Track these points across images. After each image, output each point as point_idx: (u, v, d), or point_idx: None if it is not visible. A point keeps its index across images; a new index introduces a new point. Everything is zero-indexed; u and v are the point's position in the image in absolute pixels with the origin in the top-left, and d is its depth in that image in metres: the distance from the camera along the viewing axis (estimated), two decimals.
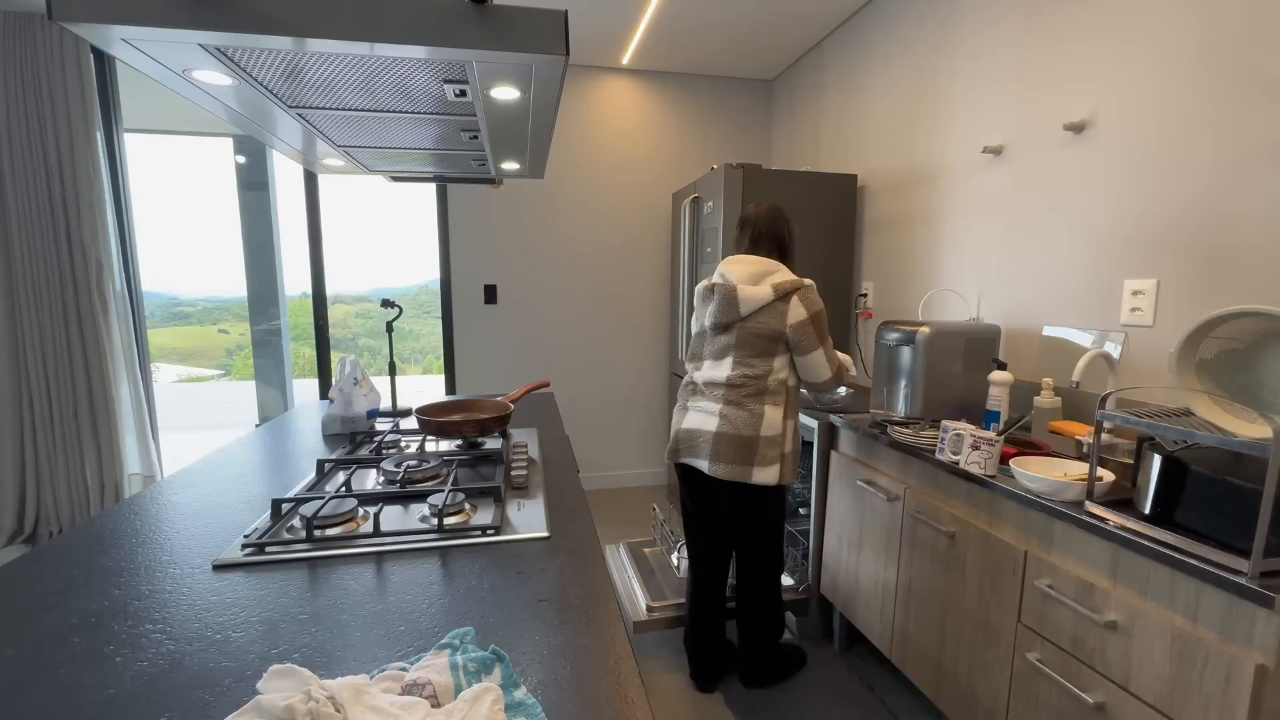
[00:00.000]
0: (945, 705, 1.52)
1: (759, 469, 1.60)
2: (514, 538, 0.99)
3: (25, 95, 2.66)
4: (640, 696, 0.62)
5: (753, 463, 1.60)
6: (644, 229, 3.56)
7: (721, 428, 1.62)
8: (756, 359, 1.62)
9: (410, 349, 5.22)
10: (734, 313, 1.62)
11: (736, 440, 1.60)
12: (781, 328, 1.59)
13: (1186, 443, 1.09)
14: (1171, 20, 1.46)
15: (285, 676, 0.57)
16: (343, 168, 1.63)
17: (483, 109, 1.08)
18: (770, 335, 1.60)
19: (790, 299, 1.59)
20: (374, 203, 4.52)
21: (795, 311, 1.59)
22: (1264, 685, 0.89)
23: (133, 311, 3.01)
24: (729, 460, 1.61)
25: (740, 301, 1.61)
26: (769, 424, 1.61)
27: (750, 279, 1.64)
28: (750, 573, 1.80)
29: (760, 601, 1.81)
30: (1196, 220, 1.42)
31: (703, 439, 1.66)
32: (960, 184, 2.15)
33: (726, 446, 1.61)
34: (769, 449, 1.61)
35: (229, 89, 0.96)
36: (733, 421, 1.61)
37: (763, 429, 1.60)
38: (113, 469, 2.95)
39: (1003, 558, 1.34)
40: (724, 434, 1.62)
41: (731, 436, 1.61)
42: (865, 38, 2.69)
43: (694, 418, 1.70)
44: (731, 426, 1.61)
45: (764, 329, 1.60)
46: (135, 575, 0.87)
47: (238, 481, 1.28)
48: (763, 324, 1.60)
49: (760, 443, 1.60)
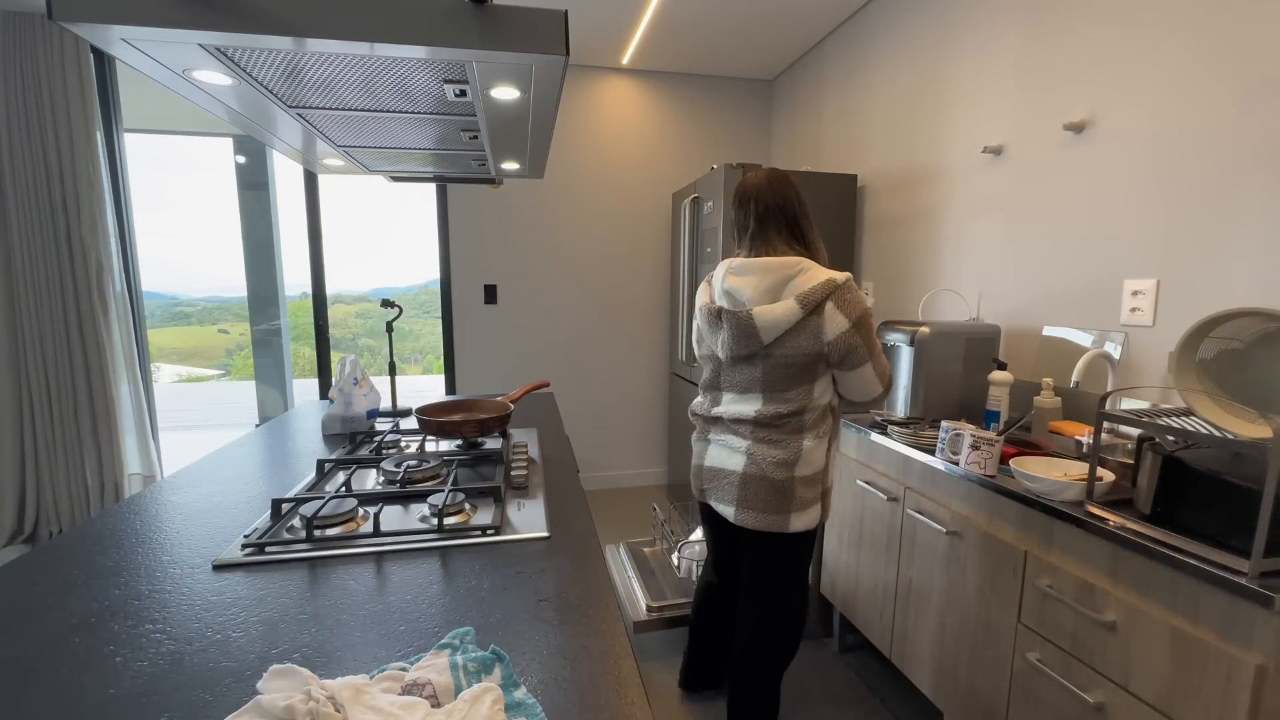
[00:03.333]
0: (945, 705, 1.52)
1: (797, 515, 1.33)
2: (514, 538, 0.99)
3: (25, 95, 2.66)
4: (640, 696, 0.62)
5: (790, 510, 1.33)
6: (644, 229, 3.56)
7: (749, 469, 1.34)
8: (792, 390, 1.31)
9: (410, 349, 5.22)
10: (754, 344, 1.31)
11: (768, 484, 1.32)
12: (819, 348, 1.28)
13: (1186, 443, 1.09)
14: (1172, 20, 1.46)
15: (285, 676, 0.57)
16: (343, 168, 1.63)
17: (483, 109, 1.08)
18: (806, 362, 1.29)
19: (824, 309, 1.26)
20: (374, 203, 4.52)
21: (834, 323, 1.25)
22: (1264, 685, 0.89)
23: (133, 311, 3.01)
24: (760, 508, 1.33)
25: (760, 330, 1.29)
26: (807, 461, 1.32)
27: (767, 294, 1.30)
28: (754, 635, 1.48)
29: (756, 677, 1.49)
30: (1197, 220, 1.42)
31: (727, 481, 1.38)
32: (960, 184, 2.15)
33: (756, 492, 1.33)
34: (807, 490, 1.33)
35: (229, 89, 0.96)
36: (761, 463, 1.33)
37: (799, 468, 1.32)
38: (113, 469, 2.95)
39: (1003, 558, 1.34)
40: (751, 476, 1.34)
41: (762, 479, 1.33)
42: (865, 38, 2.69)
43: (716, 453, 1.42)
44: (760, 468, 1.33)
45: (796, 355, 1.28)
46: (135, 575, 0.87)
47: (238, 481, 1.28)
48: (794, 350, 1.28)
49: (797, 484, 1.32)
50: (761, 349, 1.31)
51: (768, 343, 1.30)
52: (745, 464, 1.35)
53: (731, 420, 1.39)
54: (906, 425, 1.70)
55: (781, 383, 1.32)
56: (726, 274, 1.39)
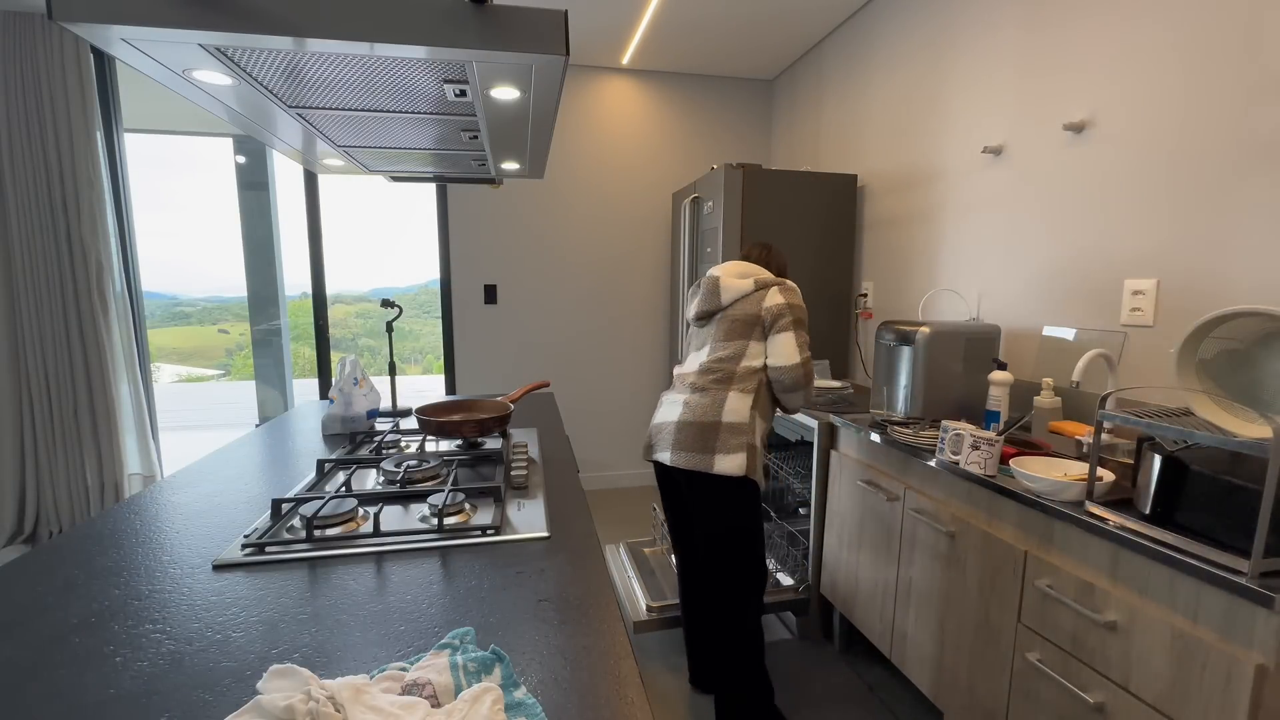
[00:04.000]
0: (945, 705, 1.52)
1: (721, 456, 1.48)
2: (514, 538, 0.99)
3: (25, 95, 2.66)
4: (640, 696, 0.62)
5: (714, 450, 1.49)
6: (644, 229, 3.56)
7: (683, 415, 1.55)
8: (733, 342, 1.58)
9: (410, 349, 5.22)
10: (715, 301, 1.63)
11: (697, 427, 1.52)
12: (758, 311, 1.57)
13: (1186, 443, 1.09)
14: (1172, 20, 1.46)
15: (285, 676, 0.57)
16: (343, 168, 1.63)
17: (483, 109, 1.08)
18: (746, 319, 1.58)
19: (769, 289, 1.59)
20: (374, 203, 4.53)
21: (773, 297, 1.57)
22: (1264, 685, 0.89)
23: (133, 311, 3.01)
24: (688, 448, 1.51)
25: (722, 290, 1.62)
26: (731, 410, 1.52)
27: (736, 274, 1.65)
28: (717, 590, 1.60)
29: (728, 626, 1.59)
30: (1197, 220, 1.42)
31: (666, 431, 1.58)
32: (960, 184, 2.15)
33: (686, 434, 1.52)
34: (732, 436, 1.50)
35: (229, 89, 0.96)
36: (694, 408, 1.54)
37: (724, 414, 1.51)
38: (113, 469, 2.95)
39: (1003, 558, 1.34)
40: (685, 421, 1.54)
41: (692, 423, 1.53)
42: (865, 37, 2.69)
43: (662, 411, 1.64)
44: (692, 413, 1.54)
45: (741, 314, 1.59)
46: (135, 575, 0.87)
47: (238, 481, 1.28)
48: (740, 310, 1.59)
49: (722, 429, 1.50)
50: (720, 308, 1.64)
51: (725, 304, 1.63)
52: (681, 412, 1.57)
53: (680, 377, 1.66)
54: (906, 425, 1.70)
55: (725, 334, 1.61)
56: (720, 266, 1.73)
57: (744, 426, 1.52)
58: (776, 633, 2.20)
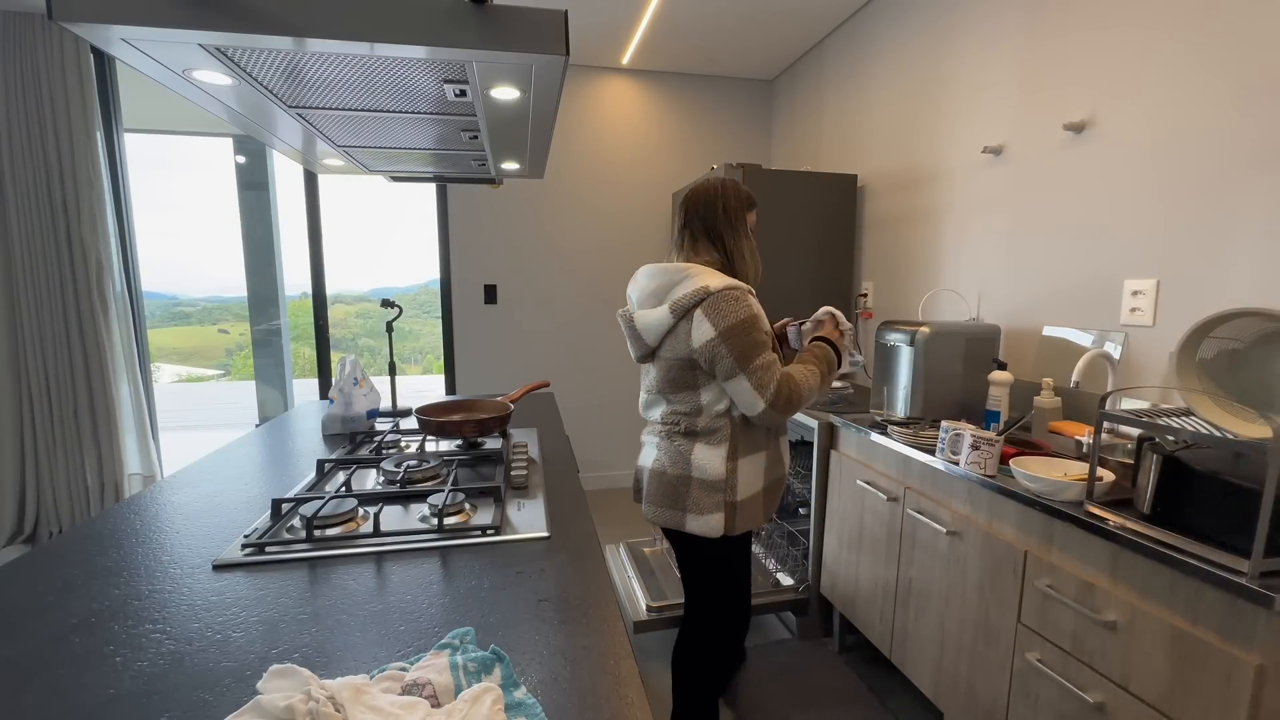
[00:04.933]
0: (945, 705, 1.52)
1: (693, 517, 1.31)
2: (514, 538, 0.99)
3: (25, 95, 2.66)
4: (640, 696, 0.62)
5: (684, 509, 1.32)
6: (644, 229, 3.56)
7: (654, 465, 1.37)
8: (679, 394, 1.32)
9: (410, 349, 5.22)
10: (642, 345, 1.34)
11: (668, 480, 1.34)
12: (688, 354, 1.26)
13: (1186, 443, 1.09)
14: (1171, 20, 1.46)
15: (285, 676, 0.57)
16: (343, 168, 1.63)
17: (483, 109, 1.08)
18: (684, 364, 1.28)
19: (693, 316, 1.22)
20: (374, 203, 4.52)
21: (700, 330, 1.22)
22: (1264, 685, 0.89)
23: (133, 311, 3.01)
24: (658, 502, 1.36)
25: (641, 333, 1.31)
26: (700, 466, 1.30)
27: (652, 297, 1.31)
28: (685, 629, 1.50)
29: (684, 669, 1.49)
30: (1196, 220, 1.42)
31: (643, 475, 1.43)
32: (960, 184, 2.15)
33: (655, 486, 1.36)
34: (705, 495, 1.30)
35: (229, 89, 0.96)
36: (663, 455, 1.36)
37: (694, 470, 1.31)
38: (113, 469, 2.95)
39: (1003, 558, 1.34)
40: (654, 472, 1.37)
41: (662, 474, 1.35)
42: (866, 37, 2.69)
43: (642, 455, 1.46)
44: (660, 463, 1.36)
45: (674, 357, 1.28)
46: (135, 575, 0.87)
47: (238, 481, 1.28)
48: (672, 354, 1.28)
49: (693, 485, 1.31)
50: (650, 352, 1.34)
51: (653, 346, 1.32)
52: (653, 460, 1.39)
53: (649, 422, 1.46)
54: (906, 425, 1.70)
55: (669, 386, 1.33)
56: (634, 276, 1.41)
57: (718, 483, 1.30)
58: (776, 633, 2.20)
